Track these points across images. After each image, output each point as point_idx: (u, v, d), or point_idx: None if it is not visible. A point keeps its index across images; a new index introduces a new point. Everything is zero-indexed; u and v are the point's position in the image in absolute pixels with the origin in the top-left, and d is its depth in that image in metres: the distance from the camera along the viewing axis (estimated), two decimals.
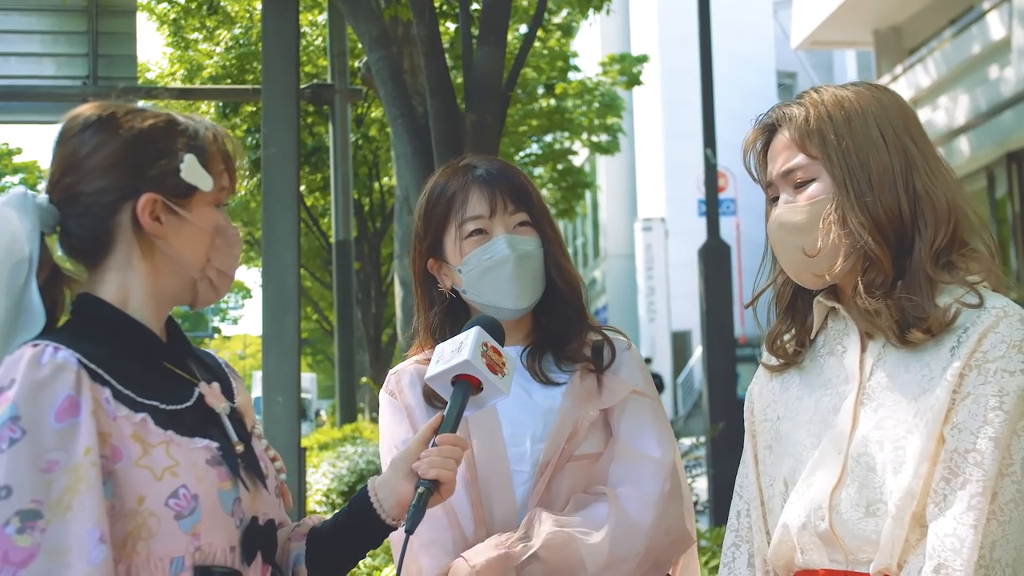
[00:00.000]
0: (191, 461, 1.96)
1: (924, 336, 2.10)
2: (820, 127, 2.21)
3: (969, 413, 2.03)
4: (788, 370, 2.35)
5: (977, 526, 1.97)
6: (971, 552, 1.96)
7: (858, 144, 2.19)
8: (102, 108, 2.07)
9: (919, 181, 2.17)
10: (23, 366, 1.86)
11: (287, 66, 7.65)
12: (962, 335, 2.07)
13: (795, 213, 2.23)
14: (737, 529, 2.40)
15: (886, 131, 2.20)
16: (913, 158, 2.19)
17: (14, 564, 1.76)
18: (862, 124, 2.20)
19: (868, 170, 2.17)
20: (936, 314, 2.09)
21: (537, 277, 2.69)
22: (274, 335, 7.42)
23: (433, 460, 2.17)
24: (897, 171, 2.17)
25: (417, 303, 2.82)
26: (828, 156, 2.20)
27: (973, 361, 2.05)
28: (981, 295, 2.10)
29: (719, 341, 12.17)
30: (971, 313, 2.08)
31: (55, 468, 1.81)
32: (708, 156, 12.41)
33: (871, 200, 2.15)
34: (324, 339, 34.67)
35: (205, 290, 2.12)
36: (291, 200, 7.55)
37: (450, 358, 2.28)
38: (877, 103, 2.23)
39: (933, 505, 2.03)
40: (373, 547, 2.22)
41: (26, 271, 1.97)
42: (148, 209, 2.03)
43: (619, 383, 2.68)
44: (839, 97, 2.24)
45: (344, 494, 9.89)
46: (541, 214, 2.74)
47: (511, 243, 2.66)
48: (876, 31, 21.34)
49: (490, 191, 2.69)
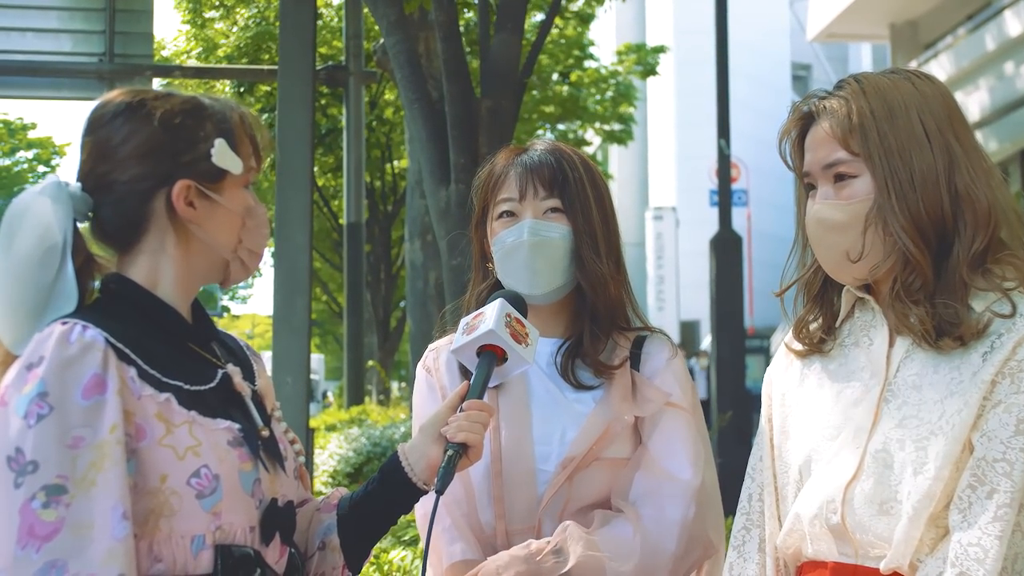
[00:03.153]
0: (213, 441, 1.98)
1: (955, 344, 2.07)
2: (863, 123, 2.15)
3: (1000, 422, 2.00)
4: (811, 356, 2.33)
5: (1003, 537, 1.95)
6: (995, 563, 1.94)
7: (901, 142, 2.13)
8: (132, 94, 2.09)
9: (961, 180, 2.12)
10: (52, 343, 1.89)
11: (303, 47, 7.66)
12: (996, 341, 2.04)
13: (835, 211, 2.19)
14: (748, 512, 2.39)
15: (929, 126, 2.14)
16: (955, 155, 2.13)
17: (39, 538, 1.78)
18: (905, 119, 2.15)
19: (911, 169, 2.12)
20: (969, 323, 2.06)
21: (557, 266, 2.65)
22: (284, 315, 7.45)
23: (461, 424, 2.23)
24: (940, 170, 2.12)
25: (473, 277, 2.82)
26: (870, 154, 2.15)
27: (1007, 369, 2.02)
28: (1015, 303, 2.06)
29: (728, 332, 12.18)
30: (1006, 320, 2.05)
31: (81, 444, 1.83)
32: (722, 146, 12.40)
33: (913, 201, 2.11)
34: (333, 320, 34.69)
35: (236, 270, 2.16)
36: (304, 181, 7.57)
37: (475, 328, 2.35)
38: (920, 95, 2.17)
39: (957, 512, 2.01)
40: (404, 511, 2.27)
41: (59, 257, 1.99)
42: (183, 195, 2.05)
43: (655, 392, 2.63)
44: (881, 89, 2.18)
45: (350, 475, 9.90)
46: (579, 202, 2.67)
47: (532, 228, 2.64)
48: (892, 25, 21.26)
49: (524, 175, 2.68)
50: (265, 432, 2.12)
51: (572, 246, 2.66)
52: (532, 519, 2.57)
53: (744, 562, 2.37)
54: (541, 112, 22.26)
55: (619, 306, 2.72)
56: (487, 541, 2.59)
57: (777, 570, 2.33)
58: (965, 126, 2.20)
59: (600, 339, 2.67)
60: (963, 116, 2.22)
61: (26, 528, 1.79)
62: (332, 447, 10.81)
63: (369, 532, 2.27)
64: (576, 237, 2.66)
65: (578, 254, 2.66)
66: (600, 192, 2.72)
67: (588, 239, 2.66)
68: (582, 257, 2.65)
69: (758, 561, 2.36)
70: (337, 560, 2.24)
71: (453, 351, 2.42)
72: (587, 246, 2.66)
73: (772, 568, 2.33)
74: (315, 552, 2.25)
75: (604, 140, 25.10)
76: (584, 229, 2.66)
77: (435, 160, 7.57)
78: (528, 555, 2.47)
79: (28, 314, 1.97)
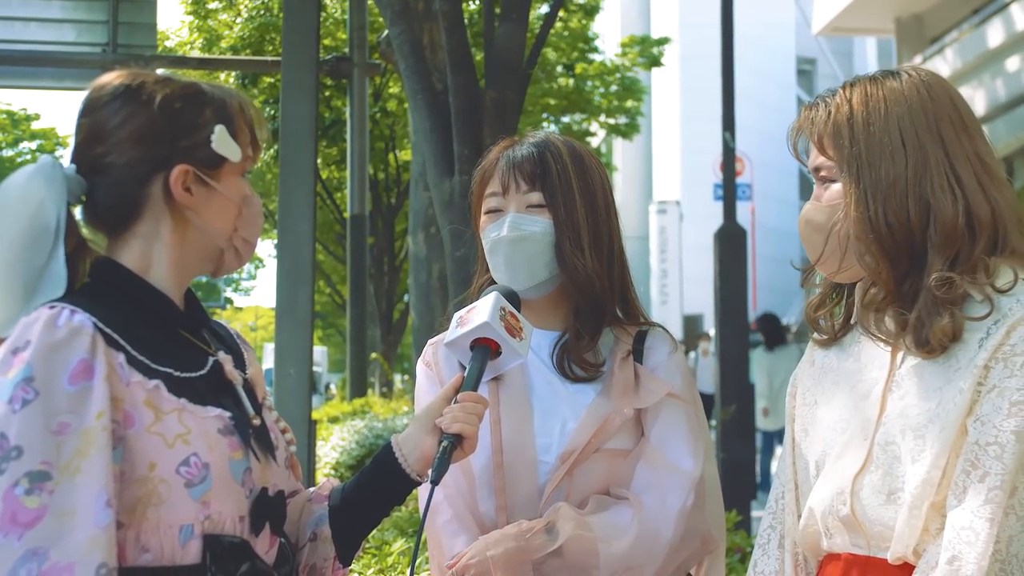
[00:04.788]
0: (203, 429, 1.96)
1: (930, 354, 2.09)
2: (837, 129, 2.19)
3: (993, 406, 2.01)
4: (830, 352, 2.34)
5: (994, 519, 1.96)
6: (986, 545, 1.95)
7: (871, 150, 2.15)
8: (131, 77, 2.06)
9: (930, 187, 2.11)
10: (39, 328, 1.86)
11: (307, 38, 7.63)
12: (992, 327, 2.05)
13: (816, 212, 2.25)
14: (774, 512, 2.41)
15: (907, 133, 2.14)
16: (928, 162, 2.12)
17: (22, 525, 1.76)
18: (881, 126, 2.15)
19: (877, 177, 2.13)
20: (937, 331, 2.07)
21: (538, 261, 2.62)
22: (288, 307, 7.42)
23: (456, 415, 2.23)
24: (909, 178, 2.12)
25: (478, 268, 2.81)
26: (842, 159, 2.18)
27: (1000, 354, 2.02)
28: (994, 303, 2.05)
29: (732, 326, 12.14)
30: (1004, 303, 2.05)
31: (66, 431, 1.81)
32: (727, 140, 12.37)
33: (874, 209, 2.12)
34: (336, 313, 34.72)
35: (230, 259, 2.14)
36: (308, 173, 7.55)
37: (468, 322, 2.35)
38: (905, 101, 2.16)
39: (952, 496, 2.02)
40: (397, 503, 2.25)
41: (51, 239, 1.96)
42: (180, 181, 2.03)
43: (657, 383, 2.62)
44: (867, 95, 2.19)
45: (352, 467, 9.89)
46: (561, 195, 2.63)
47: (513, 223, 2.62)
48: (898, 19, 21.24)
49: (508, 169, 2.66)
50: (256, 421, 2.10)
51: (554, 240, 2.62)
52: (534, 510, 2.55)
53: (767, 559, 2.39)
54: (546, 105, 22.24)
55: (607, 301, 2.68)
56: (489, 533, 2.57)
57: (796, 565, 2.35)
58: (960, 130, 2.17)
59: (584, 336, 2.65)
60: (960, 121, 2.18)
61: (8, 515, 1.76)
62: (335, 439, 10.81)
63: (361, 523, 2.25)
64: (558, 231, 2.62)
65: (558, 249, 2.62)
66: (588, 184, 2.67)
67: (570, 233, 2.62)
68: (563, 252, 2.62)
69: (777, 557, 2.38)
70: (328, 551, 2.22)
71: (447, 344, 2.41)
72: (569, 240, 2.62)
73: (791, 563, 2.35)
74: (306, 543, 2.24)
75: (609, 133, 25.08)
76: (566, 223, 2.62)
77: (439, 152, 7.56)
78: (518, 533, 2.47)
79: (16, 297, 1.95)
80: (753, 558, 2.42)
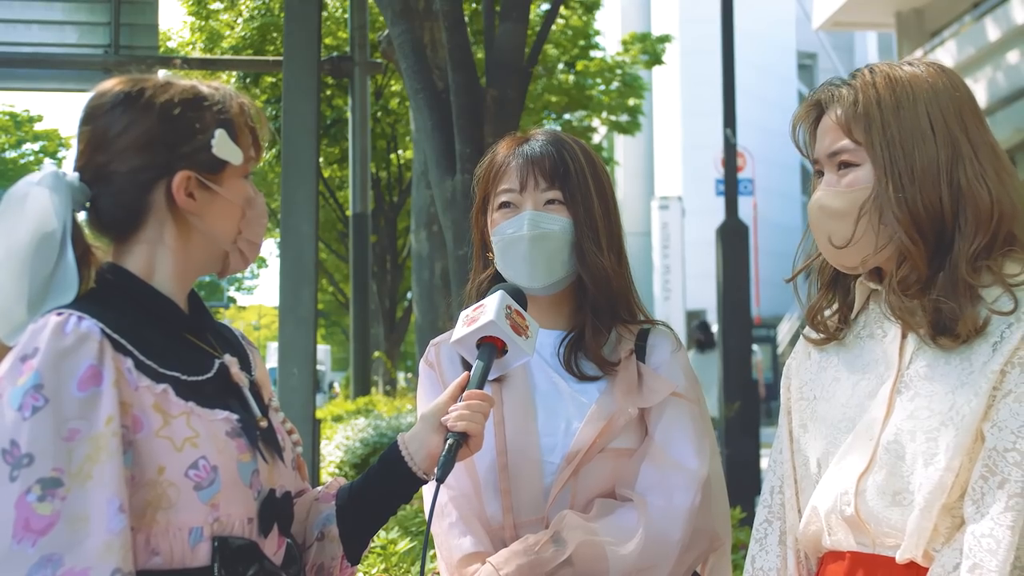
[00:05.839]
0: (211, 432, 1.97)
1: (954, 343, 2.07)
2: (868, 112, 2.16)
3: (1010, 412, 2.00)
4: (828, 347, 2.32)
5: (1015, 527, 1.95)
6: (1007, 553, 1.94)
7: (904, 134, 2.13)
8: (131, 83, 2.07)
9: (963, 176, 2.11)
10: (47, 334, 1.87)
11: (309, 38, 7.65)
12: (1005, 331, 2.03)
13: (835, 198, 2.20)
14: (770, 506, 2.40)
15: (936, 120, 2.14)
16: (960, 150, 2.13)
17: (35, 531, 1.77)
18: (911, 111, 2.14)
19: (912, 161, 2.12)
20: (967, 320, 2.05)
21: (557, 259, 2.62)
22: (291, 306, 7.44)
23: (462, 414, 2.24)
24: (942, 164, 2.11)
25: (474, 266, 2.81)
26: (872, 143, 2.15)
27: (1016, 359, 2.01)
28: (1017, 298, 2.05)
29: (735, 321, 12.13)
30: (1010, 315, 2.04)
31: (76, 437, 1.82)
32: (728, 135, 12.36)
33: (911, 193, 2.11)
34: (339, 311, 34.71)
35: (235, 261, 2.15)
36: (310, 172, 7.57)
37: (475, 320, 2.36)
38: (931, 88, 2.16)
39: (971, 503, 2.01)
40: (403, 501, 2.26)
41: (57, 248, 1.97)
42: (183, 187, 2.04)
43: (660, 382, 2.61)
44: (892, 80, 2.18)
45: (357, 466, 9.90)
46: (580, 194, 2.64)
47: (532, 221, 2.62)
48: (898, 13, 21.24)
49: (525, 166, 2.65)
50: (263, 422, 2.11)
51: (573, 239, 2.63)
52: (539, 511, 2.55)
53: (765, 555, 2.38)
54: (547, 102, 22.22)
55: (621, 299, 2.69)
56: (495, 534, 2.58)
57: (798, 562, 2.34)
58: (978, 121, 2.18)
59: (602, 332, 2.65)
60: (977, 111, 2.20)
61: (22, 522, 1.77)
62: (339, 438, 10.81)
63: (368, 522, 2.27)
64: (577, 229, 2.63)
65: (579, 247, 2.63)
66: (601, 183, 2.69)
67: (589, 231, 2.63)
68: (583, 250, 2.63)
69: (779, 553, 2.36)
70: (336, 550, 2.23)
71: (453, 343, 2.42)
72: (588, 239, 2.63)
73: (792, 560, 2.34)
74: (313, 543, 2.25)
75: (610, 129, 25.06)
76: (585, 221, 2.64)
77: (440, 150, 7.56)
78: (526, 548, 2.46)
79: (22, 306, 1.96)
80: (750, 553, 2.41)
